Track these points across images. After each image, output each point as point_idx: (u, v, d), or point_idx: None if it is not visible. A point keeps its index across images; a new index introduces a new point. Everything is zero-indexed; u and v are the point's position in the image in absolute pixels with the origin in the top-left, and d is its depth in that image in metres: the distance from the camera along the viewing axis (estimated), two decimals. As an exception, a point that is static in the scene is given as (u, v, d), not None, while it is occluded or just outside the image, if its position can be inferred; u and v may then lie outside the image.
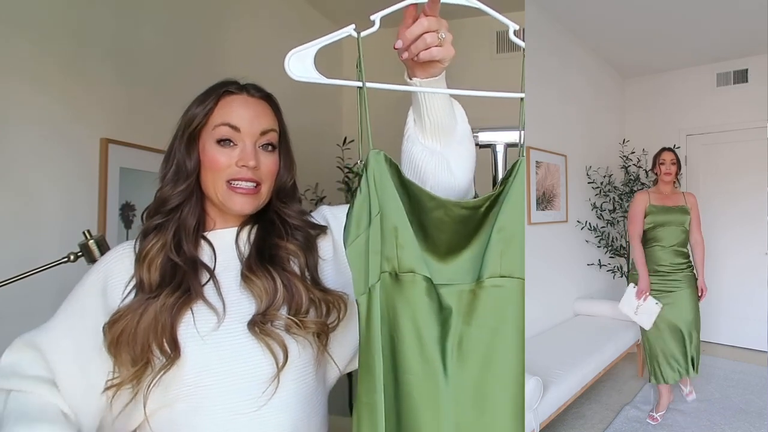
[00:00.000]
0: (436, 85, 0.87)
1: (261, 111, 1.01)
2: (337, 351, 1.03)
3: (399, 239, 0.79)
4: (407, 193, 0.82)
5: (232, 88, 1.01)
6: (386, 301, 0.79)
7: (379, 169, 0.79)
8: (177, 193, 1.00)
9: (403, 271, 0.79)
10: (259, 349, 0.93)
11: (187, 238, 1.00)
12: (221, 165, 0.98)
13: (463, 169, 0.92)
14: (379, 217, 0.79)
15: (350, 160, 3.10)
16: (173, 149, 1.02)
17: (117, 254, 1.03)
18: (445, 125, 0.91)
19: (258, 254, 1.00)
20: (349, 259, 0.79)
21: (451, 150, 0.91)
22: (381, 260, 0.79)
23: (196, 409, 0.93)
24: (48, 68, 1.75)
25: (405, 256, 0.79)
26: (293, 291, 0.96)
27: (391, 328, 0.79)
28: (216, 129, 0.98)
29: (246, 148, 0.98)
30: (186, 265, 0.97)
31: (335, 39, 0.82)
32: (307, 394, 0.98)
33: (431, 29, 0.81)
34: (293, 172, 1.07)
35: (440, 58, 0.83)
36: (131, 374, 0.92)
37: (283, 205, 1.04)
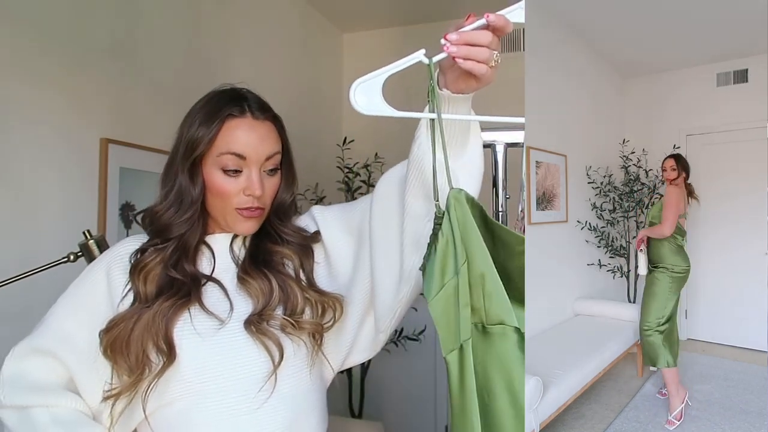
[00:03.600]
0: (466, 101, 0.82)
1: (266, 134, 0.99)
2: (332, 351, 1.05)
3: (486, 288, 0.72)
4: (491, 236, 0.75)
5: (235, 111, 0.97)
6: (474, 355, 0.73)
7: (462, 211, 0.73)
8: (182, 221, 0.99)
9: (491, 323, 0.73)
10: (255, 347, 0.94)
11: (187, 254, 1.00)
12: (229, 193, 0.97)
13: (473, 184, 0.88)
14: (466, 265, 0.72)
15: (350, 160, 3.10)
16: (174, 169, 1.00)
17: (118, 254, 1.04)
18: (462, 139, 0.87)
19: (252, 258, 1.01)
20: (434, 312, 0.73)
21: (460, 165, 0.87)
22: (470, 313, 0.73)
23: (195, 408, 0.94)
24: (48, 68, 1.75)
25: (493, 307, 0.73)
26: (288, 292, 0.98)
27: (480, 384, 0.73)
28: (221, 157, 0.96)
29: (252, 177, 0.97)
30: (186, 279, 0.98)
31: (404, 66, 0.75)
32: (303, 392, 0.99)
33: (492, 47, 0.75)
34: (294, 188, 1.07)
35: (481, 77, 0.77)
36: (128, 384, 0.93)
37: (279, 223, 1.04)
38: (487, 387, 0.73)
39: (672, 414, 2.89)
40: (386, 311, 0.97)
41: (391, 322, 0.99)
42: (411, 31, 3.48)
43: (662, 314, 3.06)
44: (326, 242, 1.05)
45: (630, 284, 4.12)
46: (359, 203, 1.04)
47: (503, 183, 1.82)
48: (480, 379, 0.73)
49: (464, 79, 0.78)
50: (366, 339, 1.05)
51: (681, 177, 3.16)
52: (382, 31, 3.60)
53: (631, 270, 4.07)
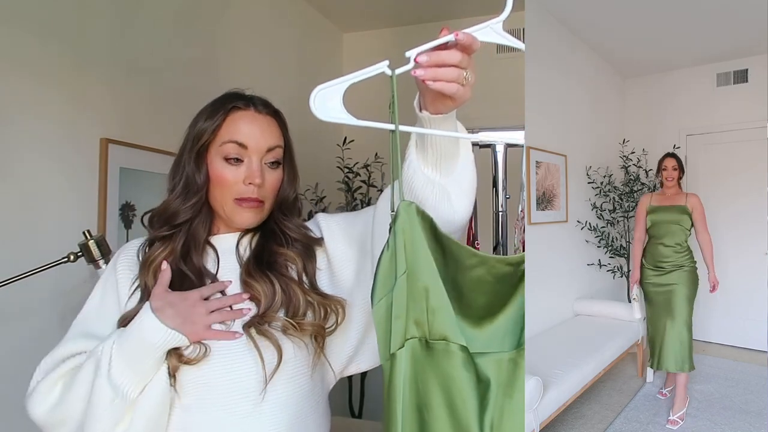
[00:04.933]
0: (446, 121, 0.81)
1: (267, 127, 1.03)
2: (334, 355, 1.05)
3: (430, 302, 0.71)
4: (442, 250, 0.74)
5: (239, 104, 1.03)
6: (414, 369, 0.71)
7: (410, 222, 0.72)
8: (188, 207, 1.02)
9: (434, 339, 0.71)
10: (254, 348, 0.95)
11: (196, 248, 1.03)
12: (228, 182, 1.00)
13: (464, 203, 0.87)
14: (405, 277, 0.71)
15: (350, 160, 3.09)
16: (182, 161, 1.04)
17: (125, 248, 1.08)
18: (449, 155, 0.86)
19: (256, 260, 1.03)
20: (375, 318, 0.72)
21: (451, 181, 0.86)
22: (407, 325, 0.71)
23: (196, 407, 0.95)
24: (49, 68, 1.75)
25: (437, 322, 0.71)
26: (291, 294, 0.99)
27: (420, 399, 0.72)
28: (223, 146, 1.01)
29: (252, 165, 1.00)
30: (193, 274, 1.00)
31: (367, 76, 0.75)
32: (303, 393, 1.00)
33: (461, 66, 0.74)
34: (296, 185, 1.09)
35: (456, 97, 0.76)
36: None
37: (284, 218, 1.07)
38: (427, 402, 0.72)
39: (676, 414, 2.90)
40: None
41: None
42: (411, 31, 3.48)
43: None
44: (329, 250, 1.05)
45: (630, 284, 4.12)
46: (362, 214, 1.06)
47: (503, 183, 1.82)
48: (420, 394, 0.72)
49: (440, 99, 0.78)
50: (370, 348, 1.05)
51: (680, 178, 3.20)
52: (382, 31, 3.60)
53: (631, 270, 4.07)
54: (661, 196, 3.22)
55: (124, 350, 0.91)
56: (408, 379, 0.71)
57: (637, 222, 3.25)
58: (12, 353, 1.56)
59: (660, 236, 3.14)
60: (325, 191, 3.12)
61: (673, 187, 3.17)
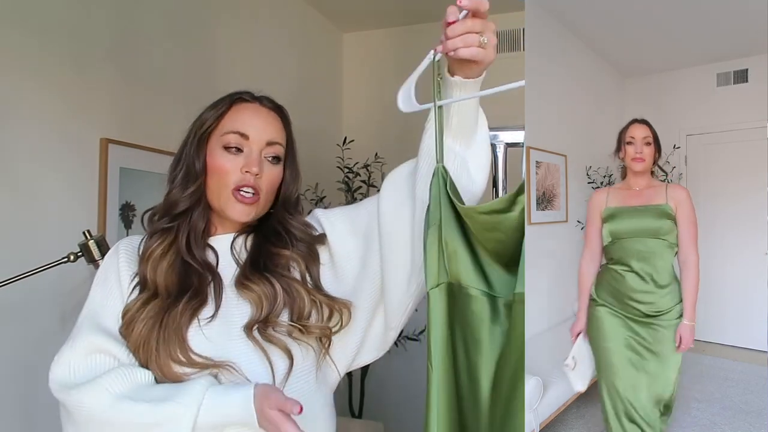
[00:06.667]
0: (474, 86, 0.88)
1: (270, 121, 1.04)
2: (339, 354, 1.04)
3: (449, 248, 0.83)
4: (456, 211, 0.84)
5: (246, 96, 1.04)
6: (447, 305, 0.84)
7: (438, 182, 0.84)
8: (186, 195, 1.02)
9: (454, 281, 0.83)
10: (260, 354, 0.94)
11: (197, 241, 1.02)
12: (226, 170, 1.00)
13: (481, 176, 0.93)
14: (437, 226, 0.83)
15: (350, 160, 3.09)
16: (183, 152, 1.05)
17: (128, 240, 1.08)
18: (470, 126, 0.91)
19: (252, 263, 1.01)
20: (425, 244, 0.84)
21: (471, 152, 0.92)
22: (439, 268, 0.84)
23: None
24: (48, 67, 1.75)
25: (452, 266, 0.83)
26: (294, 295, 0.98)
27: (450, 334, 0.84)
28: (225, 135, 1.01)
29: (251, 155, 1.00)
30: (201, 267, 1.00)
31: (424, 66, 0.87)
32: (308, 395, 0.99)
33: (474, 30, 0.80)
34: (298, 183, 1.09)
35: (478, 60, 0.83)
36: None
37: (289, 216, 1.06)
38: (454, 341, 0.84)
39: None
40: (398, 306, 0.98)
41: (402, 317, 1.00)
42: (411, 31, 3.48)
43: None
44: (332, 244, 1.05)
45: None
46: (364, 205, 1.05)
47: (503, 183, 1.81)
48: (451, 330, 0.84)
49: (467, 65, 0.85)
50: (375, 339, 1.05)
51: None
52: (382, 31, 3.60)
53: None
54: (625, 193, 2.00)
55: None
56: (442, 313, 0.84)
57: (587, 234, 2.08)
58: (12, 353, 1.56)
59: (626, 258, 1.93)
60: (325, 191, 3.12)
61: (643, 173, 1.95)
